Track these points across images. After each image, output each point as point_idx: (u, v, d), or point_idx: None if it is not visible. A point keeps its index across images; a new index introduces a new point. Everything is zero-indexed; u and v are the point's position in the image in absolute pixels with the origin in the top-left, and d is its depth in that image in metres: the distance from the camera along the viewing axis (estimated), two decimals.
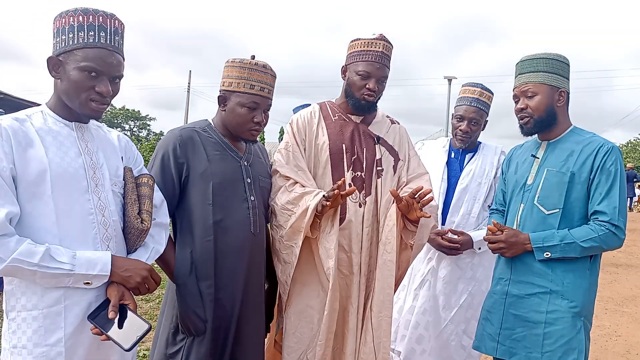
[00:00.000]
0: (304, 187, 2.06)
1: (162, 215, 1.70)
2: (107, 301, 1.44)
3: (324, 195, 1.95)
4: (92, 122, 1.59)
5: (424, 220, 2.09)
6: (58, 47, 1.44)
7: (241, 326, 1.90)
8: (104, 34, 1.43)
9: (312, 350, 2.04)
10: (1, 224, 1.27)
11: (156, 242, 1.64)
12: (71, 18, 1.43)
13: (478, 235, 2.47)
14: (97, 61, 1.41)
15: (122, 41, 1.51)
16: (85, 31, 1.42)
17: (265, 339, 2.11)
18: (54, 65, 1.45)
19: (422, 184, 2.20)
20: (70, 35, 1.42)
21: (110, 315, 1.39)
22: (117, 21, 1.48)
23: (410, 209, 2.03)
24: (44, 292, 1.36)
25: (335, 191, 1.91)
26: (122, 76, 1.51)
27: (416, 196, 1.96)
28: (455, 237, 2.48)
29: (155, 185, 1.69)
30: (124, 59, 1.52)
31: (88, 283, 1.39)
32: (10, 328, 1.38)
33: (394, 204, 2.09)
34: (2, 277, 4.80)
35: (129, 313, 1.44)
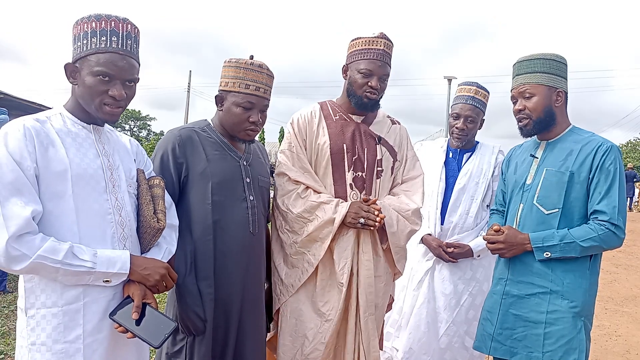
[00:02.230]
0: (317, 192, 2.10)
1: (172, 217, 1.73)
2: (126, 299, 1.46)
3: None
4: (106, 125, 1.62)
5: (397, 227, 2.11)
6: (74, 54, 1.48)
7: (242, 325, 1.91)
8: (115, 39, 1.45)
9: (311, 349, 2.04)
10: (27, 222, 1.30)
11: (168, 242, 1.67)
12: (85, 25, 1.46)
13: (478, 244, 2.49)
14: (108, 66, 1.44)
15: (136, 45, 1.52)
16: (98, 37, 1.45)
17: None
18: (71, 71, 1.49)
19: (414, 186, 2.24)
20: (85, 42, 1.46)
21: (134, 316, 1.42)
22: (129, 25, 1.50)
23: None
24: (63, 289, 1.39)
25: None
26: (136, 79, 1.52)
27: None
28: (457, 250, 2.51)
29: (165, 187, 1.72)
30: (138, 63, 1.53)
31: (107, 281, 1.42)
32: (29, 325, 1.39)
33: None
34: (3, 278, 4.79)
35: (153, 311, 1.47)
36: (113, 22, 1.46)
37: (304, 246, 2.07)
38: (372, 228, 2.04)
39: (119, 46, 1.46)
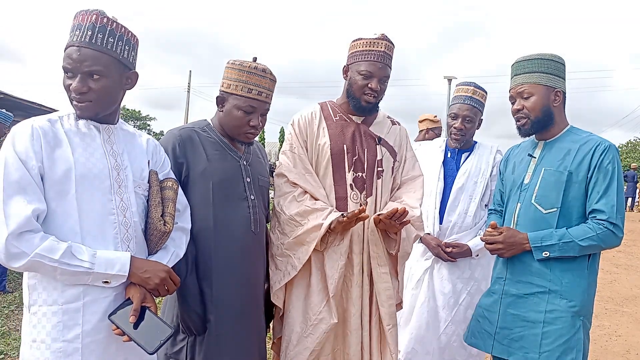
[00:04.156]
0: (314, 199, 2.09)
1: (185, 220, 1.72)
2: (127, 301, 1.45)
3: (342, 215, 1.98)
4: (121, 124, 1.61)
5: (406, 233, 2.11)
6: None
7: (242, 325, 1.91)
8: (78, 32, 1.43)
9: (295, 354, 2.03)
10: (27, 220, 1.30)
11: (177, 245, 1.66)
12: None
13: (476, 244, 2.50)
14: (66, 60, 1.43)
15: (103, 35, 1.43)
16: (70, 33, 1.45)
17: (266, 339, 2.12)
18: None
19: (415, 187, 2.24)
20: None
21: (131, 319, 1.41)
22: (94, 16, 1.43)
23: (390, 227, 2.04)
24: (64, 288, 1.39)
25: (353, 213, 1.93)
26: (98, 71, 1.42)
27: (393, 218, 1.94)
28: (455, 249, 2.52)
29: (180, 190, 1.71)
30: (106, 54, 1.43)
31: (107, 282, 1.42)
32: (31, 322, 1.40)
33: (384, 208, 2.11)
34: (2, 279, 4.82)
35: (151, 315, 1.45)
36: (81, 16, 1.43)
37: (289, 248, 2.06)
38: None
39: (77, 39, 1.41)
